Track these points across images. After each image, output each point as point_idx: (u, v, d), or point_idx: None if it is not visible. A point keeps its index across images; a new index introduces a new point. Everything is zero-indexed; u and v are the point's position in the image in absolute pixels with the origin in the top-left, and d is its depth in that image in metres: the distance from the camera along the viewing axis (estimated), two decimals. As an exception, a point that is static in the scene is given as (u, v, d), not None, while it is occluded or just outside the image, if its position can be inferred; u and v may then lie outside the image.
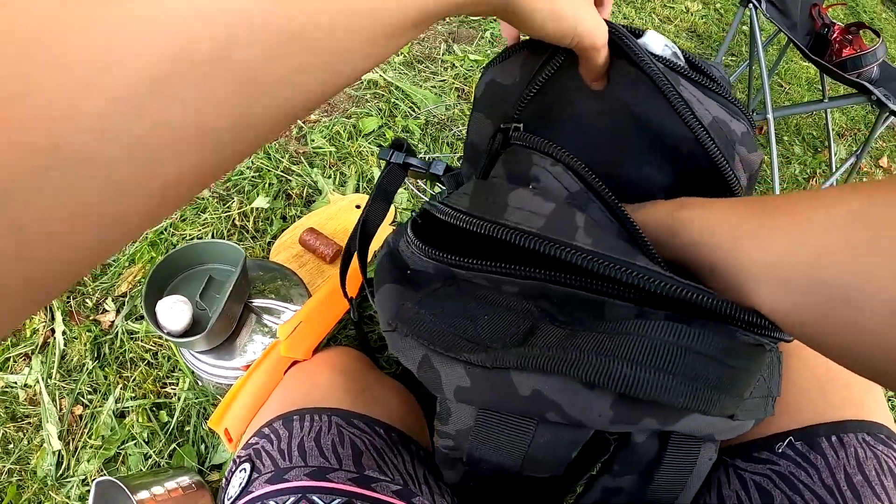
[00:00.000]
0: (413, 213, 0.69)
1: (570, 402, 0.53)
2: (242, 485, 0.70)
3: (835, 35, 2.46)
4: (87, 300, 1.52)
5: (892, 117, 2.15)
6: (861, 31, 2.42)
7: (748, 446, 0.76)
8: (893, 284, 0.37)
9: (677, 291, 0.51)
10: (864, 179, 2.77)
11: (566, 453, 0.60)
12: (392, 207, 1.64)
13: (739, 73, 2.92)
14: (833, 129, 3.08)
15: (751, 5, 2.39)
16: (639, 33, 0.69)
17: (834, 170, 2.65)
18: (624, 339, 0.50)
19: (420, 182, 1.93)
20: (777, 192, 2.37)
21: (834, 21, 2.50)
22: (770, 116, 2.34)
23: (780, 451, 0.73)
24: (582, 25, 0.57)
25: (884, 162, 3.12)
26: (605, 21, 0.63)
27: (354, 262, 0.85)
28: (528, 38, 0.65)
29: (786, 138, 2.96)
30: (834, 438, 0.71)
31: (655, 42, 0.69)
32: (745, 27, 3.37)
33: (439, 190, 1.91)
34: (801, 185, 2.70)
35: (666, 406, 0.53)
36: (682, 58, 0.70)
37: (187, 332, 1.13)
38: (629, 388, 0.48)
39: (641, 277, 0.51)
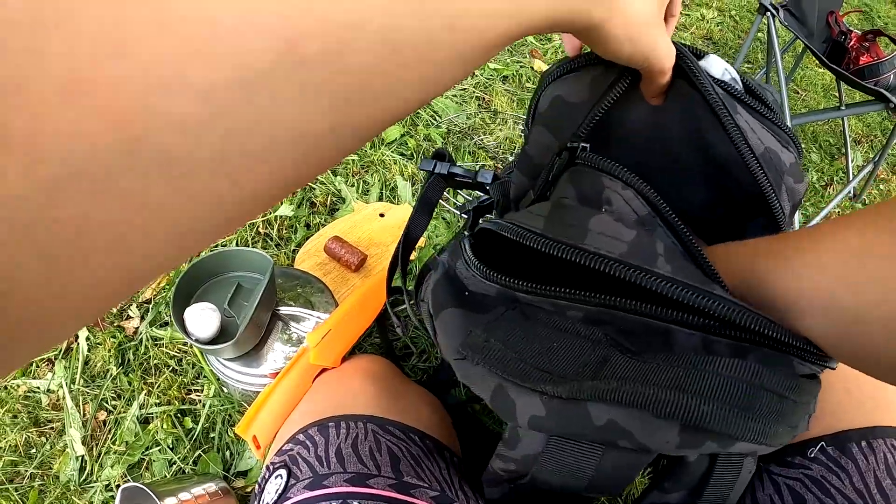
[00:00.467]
0: (466, 234, 0.69)
1: (641, 429, 0.54)
2: (280, 491, 0.70)
3: (852, 42, 2.46)
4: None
5: None
6: (878, 39, 2.42)
7: (782, 452, 0.77)
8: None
9: (750, 322, 0.52)
10: (881, 187, 2.84)
11: (629, 475, 0.60)
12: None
13: (759, 78, 2.89)
14: (850, 136, 3.09)
15: (768, 13, 2.39)
16: (700, 55, 0.70)
17: (851, 177, 2.65)
18: (696, 374, 0.52)
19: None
20: None
21: (851, 28, 2.50)
22: (789, 124, 2.33)
23: (812, 455, 0.74)
24: (656, 51, 0.58)
25: None
26: (673, 42, 0.64)
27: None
28: (590, 52, 0.66)
29: (803, 146, 2.93)
30: (864, 444, 0.72)
31: (716, 66, 0.69)
32: (761, 34, 3.36)
33: (464, 200, 1.91)
34: (818, 193, 2.70)
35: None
36: (739, 82, 0.70)
37: (215, 340, 1.13)
38: (702, 421, 0.50)
39: (720, 307, 0.52)
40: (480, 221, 0.69)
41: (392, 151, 2.06)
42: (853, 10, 3.32)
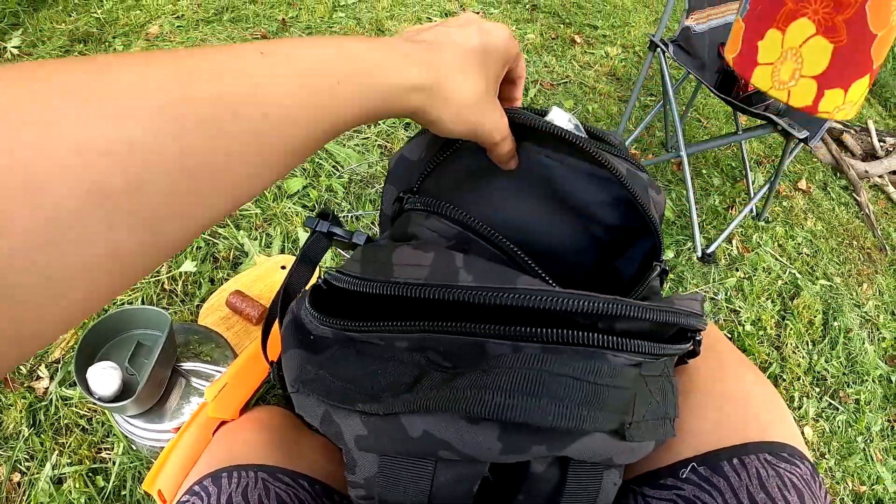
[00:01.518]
0: (318, 281, 0.74)
1: (458, 438, 0.59)
2: None
3: None
4: (21, 367, 1.55)
5: (802, 144, 2.27)
6: None
7: (654, 474, 0.79)
8: None
9: (552, 302, 0.57)
10: (784, 203, 2.96)
11: (467, 489, 0.65)
12: (317, 270, 1.68)
13: (656, 112, 3.02)
14: (751, 158, 3.23)
15: (659, 49, 2.49)
16: (543, 112, 0.76)
17: (752, 196, 2.77)
18: (496, 372, 0.56)
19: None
20: (696, 224, 2.50)
21: (741, 60, 2.61)
22: (683, 154, 2.47)
23: (683, 476, 0.75)
24: (483, 127, 0.65)
25: (802, 184, 3.26)
26: (508, 109, 0.70)
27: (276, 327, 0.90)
28: None
29: (704, 171, 3.07)
30: (736, 461, 0.73)
31: (560, 118, 0.75)
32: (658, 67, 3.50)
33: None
34: (721, 215, 2.79)
35: (549, 432, 0.59)
36: (583, 130, 0.77)
37: (118, 397, 1.16)
38: (500, 414, 0.54)
39: (520, 297, 0.57)
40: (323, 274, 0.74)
41: (294, 203, 2.11)
42: None
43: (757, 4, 1.70)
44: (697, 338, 0.73)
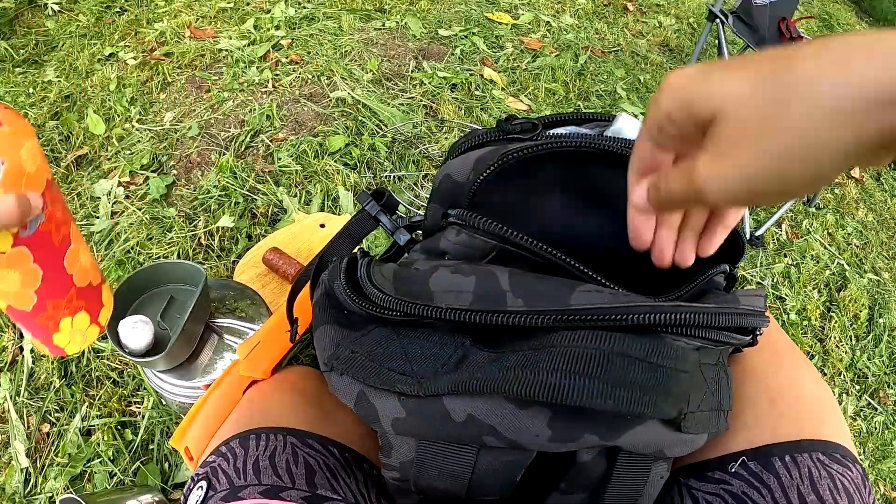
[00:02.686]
0: (346, 260, 0.71)
1: (505, 423, 0.55)
2: (199, 502, 0.72)
3: None
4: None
5: None
6: None
7: (702, 466, 0.76)
8: None
9: (610, 319, 0.53)
10: (836, 191, 2.89)
11: (510, 476, 0.62)
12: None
13: None
14: None
15: (717, 20, 2.42)
16: (611, 118, 0.72)
17: None
18: (548, 351, 0.52)
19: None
20: None
21: (802, 34, 2.55)
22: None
23: (733, 470, 0.72)
24: None
25: (855, 172, 3.18)
26: (569, 136, 0.66)
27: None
28: (485, 137, 0.69)
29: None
30: (788, 458, 0.70)
31: (630, 126, 0.70)
32: (715, 40, 3.42)
33: (405, 210, 1.93)
34: None
35: (604, 420, 0.55)
36: None
37: (149, 352, 1.14)
38: (555, 396, 0.50)
39: (576, 319, 0.53)
40: (361, 263, 0.70)
41: (335, 161, 2.09)
42: (807, 16, 3.35)
43: None
44: (758, 332, 0.70)
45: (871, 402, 2.16)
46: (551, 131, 0.72)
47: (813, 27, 4.74)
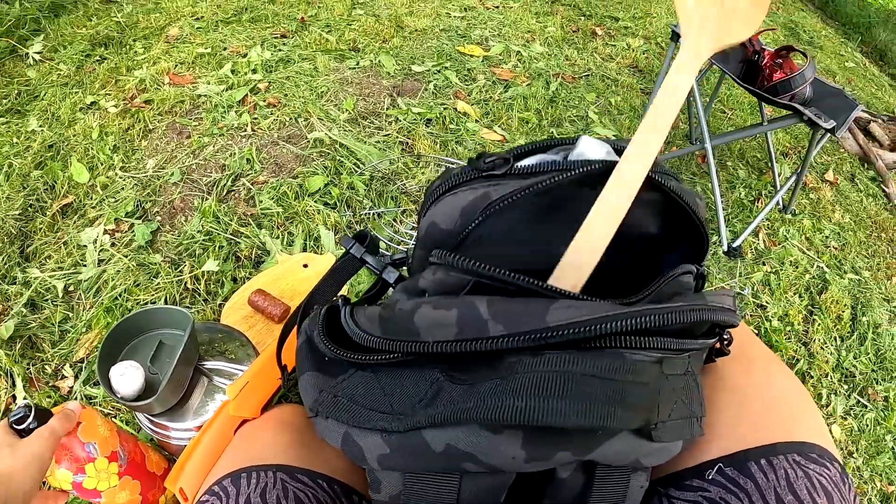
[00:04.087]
0: (325, 309, 0.74)
1: (481, 449, 0.59)
2: None
3: (765, 61, 2.55)
4: (46, 367, 1.57)
5: (829, 134, 2.25)
6: (791, 55, 2.52)
7: (680, 475, 0.77)
8: None
9: (584, 332, 0.56)
10: (811, 196, 2.92)
11: (494, 500, 0.65)
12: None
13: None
14: (777, 149, 3.18)
15: (680, 39, 2.46)
16: (573, 141, 0.75)
17: (779, 188, 2.75)
18: (515, 377, 0.56)
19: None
20: (721, 217, 2.48)
21: (764, 47, 2.59)
22: (708, 146, 2.46)
23: (710, 477, 0.73)
24: None
25: (829, 175, 3.22)
26: (538, 164, 0.70)
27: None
28: (461, 178, 0.72)
29: (729, 163, 3.06)
30: (763, 462, 0.71)
31: (591, 147, 0.74)
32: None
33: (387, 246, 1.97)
34: (746, 208, 2.77)
35: (574, 437, 0.59)
36: (614, 153, 0.75)
37: (141, 396, 1.17)
38: (523, 418, 0.53)
39: (554, 335, 0.56)
40: (343, 310, 0.74)
41: (315, 202, 2.13)
42: (767, 28, 3.39)
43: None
44: (724, 335, 0.72)
45: (861, 399, 2.17)
46: (521, 162, 0.74)
47: (780, 36, 4.83)
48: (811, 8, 6.41)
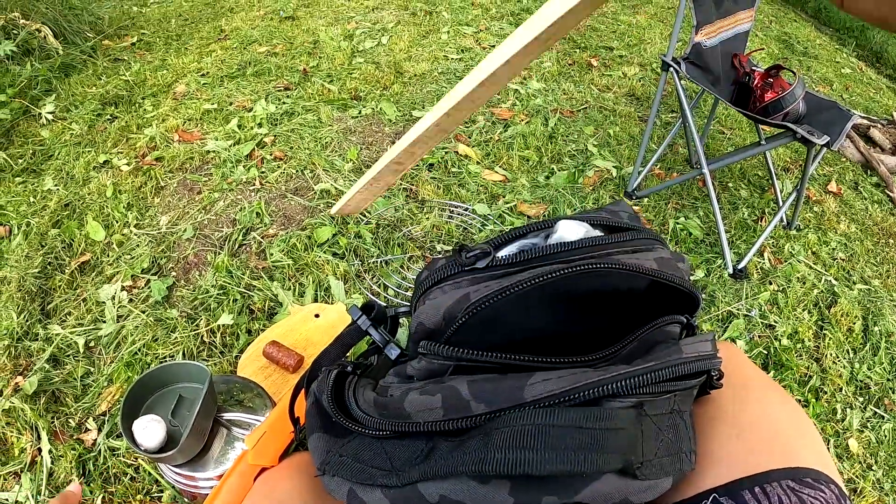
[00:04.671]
0: (333, 376, 0.81)
1: (472, 498, 0.64)
2: None
3: (756, 82, 2.60)
4: (70, 420, 1.62)
5: (825, 149, 2.28)
6: (781, 73, 2.56)
7: None
8: None
9: (559, 399, 0.63)
10: (815, 209, 2.92)
11: None
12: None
13: (677, 129, 3.02)
14: (778, 165, 3.21)
15: (671, 69, 2.49)
16: (550, 224, 0.81)
17: (781, 204, 2.76)
18: (496, 432, 0.62)
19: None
20: (724, 240, 2.49)
21: (756, 67, 2.63)
22: (706, 171, 2.49)
23: None
24: None
25: (832, 187, 3.22)
26: (519, 253, 0.76)
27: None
28: (447, 271, 0.78)
29: (731, 184, 3.07)
30: (757, 490, 0.71)
31: (569, 230, 0.79)
32: (673, 88, 3.44)
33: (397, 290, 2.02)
34: (750, 228, 2.78)
35: (557, 481, 0.63)
36: (592, 230, 0.81)
37: (163, 449, 1.22)
38: (505, 469, 0.59)
39: (531, 414, 0.62)
40: (348, 385, 0.81)
41: (324, 252, 2.19)
42: (756, 49, 3.43)
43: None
44: (713, 373, 0.76)
45: (877, 410, 2.17)
46: (502, 252, 0.80)
47: (774, 50, 4.86)
48: (804, 18, 6.44)
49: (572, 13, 0.64)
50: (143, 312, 1.92)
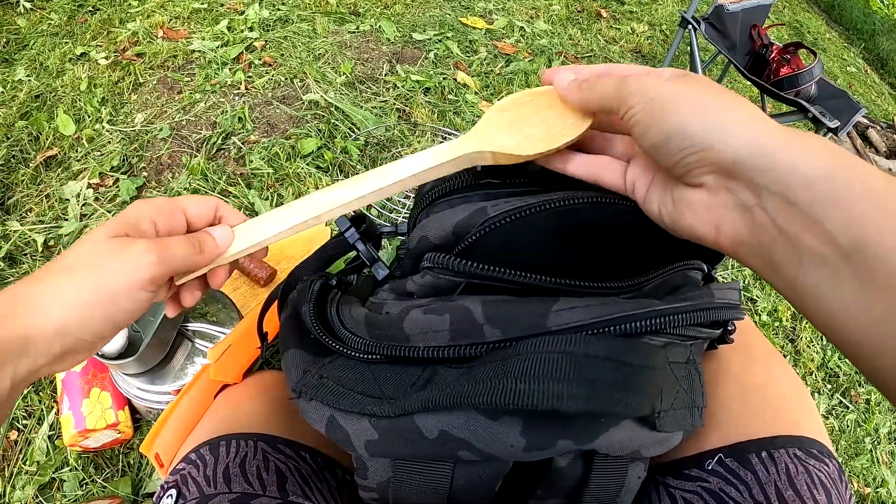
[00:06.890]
0: (318, 286, 0.71)
1: (478, 436, 0.55)
2: None
3: (773, 55, 2.54)
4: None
5: (830, 134, 2.22)
6: (799, 51, 2.50)
7: (679, 464, 0.76)
8: None
9: (593, 329, 0.53)
10: None
11: (488, 489, 0.62)
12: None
13: None
14: None
15: (690, 26, 2.44)
16: None
17: None
18: (516, 359, 0.52)
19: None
20: None
21: (773, 41, 2.58)
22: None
23: (709, 467, 0.73)
24: None
25: None
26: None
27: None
28: (456, 184, 0.67)
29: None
30: (764, 454, 0.71)
31: None
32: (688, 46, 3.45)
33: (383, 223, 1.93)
34: None
35: (578, 425, 0.55)
36: None
37: (121, 355, 1.14)
38: (525, 402, 0.49)
39: (555, 344, 0.52)
40: (331, 301, 0.70)
41: (307, 164, 2.08)
42: (777, 23, 3.39)
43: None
44: (729, 326, 0.71)
45: (843, 400, 2.19)
46: None
47: (784, 35, 4.80)
48: (817, 10, 6.45)
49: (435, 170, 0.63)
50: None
